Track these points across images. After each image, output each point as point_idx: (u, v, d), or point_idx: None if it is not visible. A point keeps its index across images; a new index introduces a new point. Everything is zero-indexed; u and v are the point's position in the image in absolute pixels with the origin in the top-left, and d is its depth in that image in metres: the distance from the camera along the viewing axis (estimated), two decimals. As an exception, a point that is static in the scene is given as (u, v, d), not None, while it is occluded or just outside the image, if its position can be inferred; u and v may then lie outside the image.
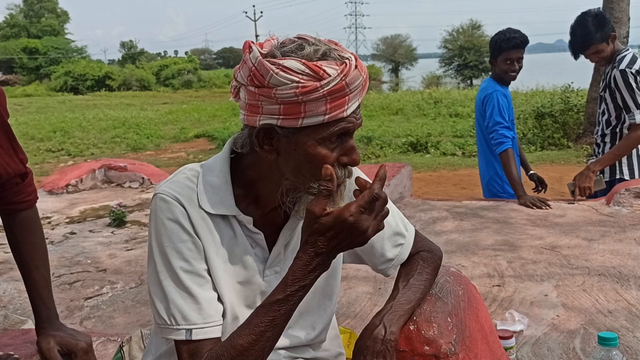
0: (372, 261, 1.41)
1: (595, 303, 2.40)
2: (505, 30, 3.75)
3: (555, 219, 3.61)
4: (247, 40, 1.12)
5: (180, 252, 1.16)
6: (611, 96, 3.56)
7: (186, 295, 1.15)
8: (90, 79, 46.99)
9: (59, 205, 5.06)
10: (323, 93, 1.06)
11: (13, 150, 1.53)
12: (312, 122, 1.09)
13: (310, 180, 1.15)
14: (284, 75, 1.05)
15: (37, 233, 1.63)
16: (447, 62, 47.25)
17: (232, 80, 1.18)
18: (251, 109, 1.13)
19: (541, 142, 12.18)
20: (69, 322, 2.56)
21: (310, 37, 1.13)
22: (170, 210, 1.16)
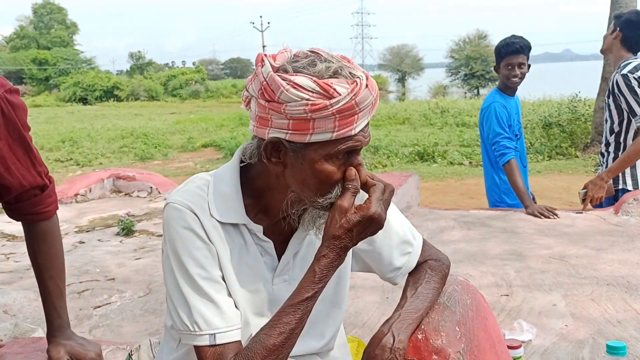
0: (380, 269, 1.42)
1: (604, 313, 2.39)
2: (507, 37, 3.78)
3: (563, 229, 3.60)
4: (260, 53, 1.13)
5: (196, 259, 1.17)
6: (615, 102, 3.56)
7: (207, 301, 1.16)
8: (98, 90, 47.32)
9: (68, 214, 5.09)
10: (332, 111, 1.07)
11: (31, 162, 1.53)
12: (320, 138, 1.10)
13: (316, 194, 1.17)
14: (294, 92, 1.07)
15: (54, 243, 1.65)
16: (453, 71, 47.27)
17: (244, 90, 1.19)
18: (261, 121, 1.14)
19: (549, 151, 12.15)
20: (78, 331, 2.57)
21: (323, 52, 1.14)
22: (183, 218, 1.18)
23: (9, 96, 1.43)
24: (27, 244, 1.64)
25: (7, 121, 1.44)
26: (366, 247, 1.37)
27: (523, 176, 3.85)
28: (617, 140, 3.63)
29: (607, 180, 3.64)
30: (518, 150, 3.88)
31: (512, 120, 3.83)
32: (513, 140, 3.80)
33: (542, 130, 13.08)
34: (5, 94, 1.42)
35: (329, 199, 1.17)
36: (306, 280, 1.16)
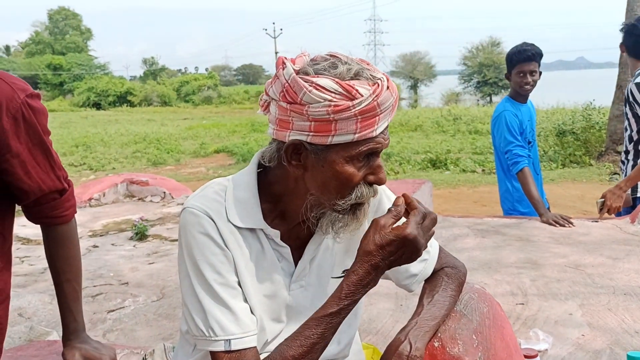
0: (396, 276, 1.41)
1: (621, 323, 2.36)
2: (519, 44, 3.77)
3: (579, 237, 3.57)
4: (280, 56, 1.13)
5: (212, 264, 1.17)
6: (631, 110, 3.55)
7: (222, 307, 1.16)
8: (112, 95, 47.76)
9: (82, 218, 5.12)
10: (354, 112, 1.07)
11: (50, 167, 1.55)
12: (342, 140, 1.10)
13: (336, 197, 1.16)
14: (317, 93, 1.06)
15: (72, 247, 1.66)
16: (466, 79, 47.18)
17: (263, 94, 1.19)
18: (281, 124, 1.14)
19: (562, 159, 12.07)
20: (92, 335, 2.56)
21: (342, 55, 1.14)
22: (200, 224, 1.17)
23: (30, 101, 1.45)
24: (45, 247, 1.65)
25: (28, 125, 1.46)
26: None
27: (537, 184, 3.83)
28: (636, 148, 3.61)
29: (626, 190, 3.60)
30: (531, 158, 3.85)
31: (524, 128, 3.81)
32: (525, 148, 3.77)
33: (556, 138, 13.00)
34: (27, 99, 1.44)
35: (349, 201, 1.17)
36: (333, 295, 1.15)
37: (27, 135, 1.46)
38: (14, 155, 1.44)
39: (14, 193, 1.50)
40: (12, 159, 1.44)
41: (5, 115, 1.39)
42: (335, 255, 1.30)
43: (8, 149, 1.42)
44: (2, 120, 1.39)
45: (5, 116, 1.40)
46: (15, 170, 1.46)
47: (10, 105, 1.40)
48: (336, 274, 1.31)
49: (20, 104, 1.43)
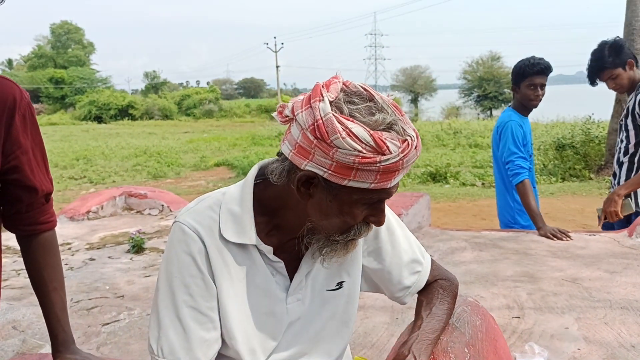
0: (390, 289, 1.41)
1: (618, 337, 2.34)
2: (530, 57, 3.74)
3: (576, 251, 3.55)
4: (318, 84, 1.09)
5: (187, 286, 1.16)
6: (633, 122, 3.55)
7: (180, 330, 1.15)
8: (113, 109, 47.93)
9: (79, 231, 5.12)
10: (379, 167, 1.05)
11: (46, 169, 1.59)
12: (358, 185, 1.08)
13: (337, 231, 1.17)
14: (349, 141, 1.03)
15: (57, 255, 1.66)
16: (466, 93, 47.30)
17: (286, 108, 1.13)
18: (301, 151, 1.10)
19: (562, 173, 12.07)
20: (86, 348, 2.56)
21: (377, 94, 1.11)
22: (186, 242, 1.16)
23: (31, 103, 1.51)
24: (28, 258, 1.63)
25: (32, 125, 1.51)
26: (376, 266, 1.36)
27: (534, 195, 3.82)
28: (631, 160, 3.61)
29: (622, 195, 3.60)
30: (531, 171, 3.85)
31: (527, 140, 3.81)
32: (527, 160, 3.77)
33: (556, 152, 13.00)
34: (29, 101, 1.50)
35: (347, 238, 1.18)
36: None
37: (31, 134, 1.52)
38: (23, 152, 1.49)
39: (15, 194, 1.51)
40: (22, 156, 1.49)
41: (17, 113, 1.45)
42: (328, 267, 1.30)
43: (19, 145, 1.47)
44: (15, 117, 1.45)
45: (17, 114, 1.45)
46: (24, 167, 1.50)
47: (21, 104, 1.47)
48: (331, 286, 1.31)
49: (27, 104, 1.49)
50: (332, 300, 1.31)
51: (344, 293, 1.33)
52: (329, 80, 1.12)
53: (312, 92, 1.08)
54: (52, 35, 63.15)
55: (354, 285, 1.34)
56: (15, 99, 1.45)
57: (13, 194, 1.52)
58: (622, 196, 3.59)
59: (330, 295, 1.31)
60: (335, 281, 1.31)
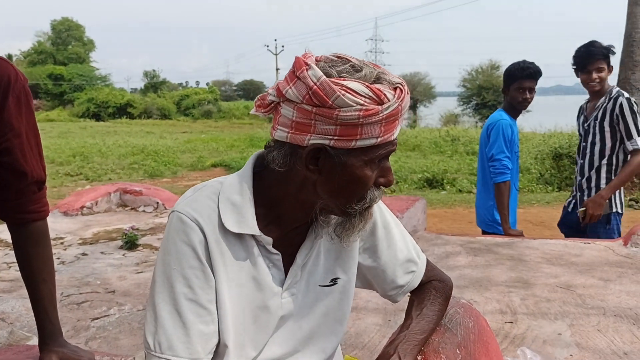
0: (382, 287, 1.39)
1: (610, 344, 2.33)
2: (520, 61, 3.82)
3: (571, 258, 3.55)
4: (298, 57, 1.09)
5: (186, 278, 1.11)
6: (610, 125, 3.61)
7: (179, 324, 1.10)
8: (112, 106, 47.85)
9: (72, 226, 5.09)
10: (381, 117, 1.05)
11: (39, 155, 1.57)
12: (365, 144, 1.08)
13: (352, 200, 1.14)
14: (350, 97, 1.03)
15: (47, 246, 1.63)
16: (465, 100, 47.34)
17: (268, 95, 1.12)
18: (300, 127, 1.08)
19: (558, 182, 12.07)
20: (75, 342, 2.54)
21: (351, 57, 1.11)
22: (186, 232, 1.12)
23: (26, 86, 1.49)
24: (18, 248, 1.61)
25: (27, 109, 1.49)
26: (370, 264, 1.34)
27: (514, 199, 3.89)
28: (609, 162, 3.67)
29: (607, 198, 3.63)
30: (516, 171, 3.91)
31: (515, 141, 3.83)
32: (512, 161, 3.79)
33: (553, 161, 12.99)
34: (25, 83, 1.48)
35: (365, 205, 1.15)
36: None
37: (25, 117, 1.49)
38: (15, 135, 1.46)
39: (4, 178, 1.49)
40: (14, 139, 1.46)
41: (11, 94, 1.42)
42: (324, 262, 1.27)
43: (11, 127, 1.44)
44: (8, 98, 1.42)
45: (11, 95, 1.42)
46: (15, 150, 1.47)
47: (15, 85, 1.44)
48: (325, 282, 1.28)
49: (22, 86, 1.46)
50: (326, 296, 1.29)
51: (338, 290, 1.30)
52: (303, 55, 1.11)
53: (295, 65, 1.07)
54: (52, 32, 63.03)
55: (349, 282, 1.32)
56: (10, 80, 1.41)
57: (2, 179, 1.49)
58: (606, 198, 3.62)
59: (323, 291, 1.28)
60: (330, 277, 1.29)
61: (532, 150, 14.58)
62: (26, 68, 58.88)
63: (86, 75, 57.98)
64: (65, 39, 62.59)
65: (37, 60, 60.91)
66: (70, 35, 62.83)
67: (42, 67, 57.82)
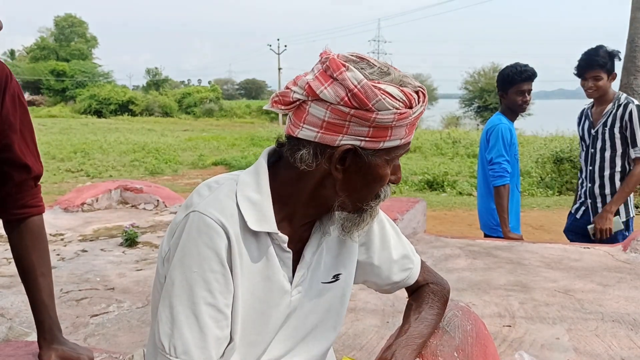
0: (377, 282, 1.40)
1: (608, 349, 2.33)
2: (515, 64, 3.82)
3: (570, 263, 3.55)
4: (334, 58, 1.08)
5: (207, 282, 1.08)
6: (620, 131, 3.60)
7: (196, 328, 1.08)
8: (114, 103, 47.93)
9: (73, 223, 5.10)
10: (410, 120, 1.09)
11: (36, 150, 1.60)
12: (391, 145, 1.11)
13: (370, 198, 1.17)
14: (389, 101, 1.05)
15: (45, 241, 1.64)
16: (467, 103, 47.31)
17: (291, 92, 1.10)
18: (332, 127, 1.08)
19: (559, 186, 12.07)
20: (73, 338, 2.54)
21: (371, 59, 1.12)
22: (210, 236, 1.09)
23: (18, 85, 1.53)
24: (16, 243, 1.61)
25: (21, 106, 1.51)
26: (365, 259, 1.35)
27: (517, 200, 3.90)
28: (622, 169, 3.68)
29: (613, 212, 3.64)
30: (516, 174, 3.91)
31: (514, 144, 3.84)
32: (512, 164, 3.79)
33: (553, 165, 12.99)
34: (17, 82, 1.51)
35: (379, 202, 1.19)
36: None
37: (20, 116, 1.51)
38: (13, 131, 1.48)
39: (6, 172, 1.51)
40: (12, 135, 1.48)
41: (7, 92, 1.45)
42: (326, 258, 1.27)
43: (9, 124, 1.47)
44: (5, 97, 1.45)
45: (7, 93, 1.45)
46: (14, 146, 1.49)
47: (11, 84, 1.47)
48: (327, 279, 1.28)
49: (16, 84, 1.49)
50: (328, 292, 1.29)
51: (340, 286, 1.30)
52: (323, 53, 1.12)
53: (331, 66, 1.07)
54: (55, 28, 63.08)
55: (349, 277, 1.33)
56: (7, 79, 1.44)
57: (4, 173, 1.51)
58: (612, 212, 3.63)
59: (325, 287, 1.28)
60: (332, 273, 1.29)
61: (533, 154, 14.59)
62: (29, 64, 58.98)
63: (88, 71, 58.03)
64: (68, 35, 62.63)
65: (39, 56, 60.97)
66: (73, 32, 62.87)
67: (44, 63, 57.89)
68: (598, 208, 3.74)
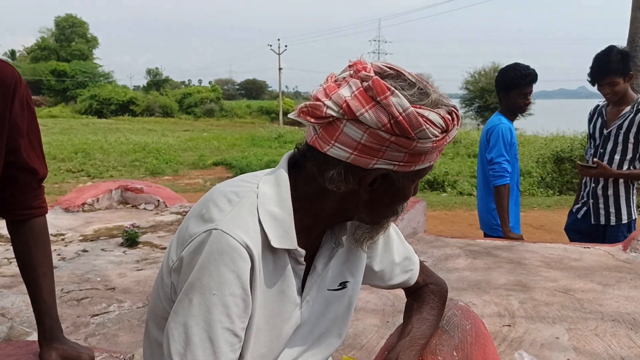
0: (379, 285, 1.41)
1: (608, 349, 2.34)
2: (517, 67, 3.78)
3: (570, 262, 3.55)
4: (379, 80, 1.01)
5: (226, 306, 1.04)
6: (635, 137, 3.57)
7: (210, 352, 1.03)
8: (114, 104, 47.97)
9: (74, 223, 5.10)
10: (443, 144, 1.06)
11: (42, 153, 1.61)
12: (421, 167, 1.08)
13: (390, 215, 1.17)
14: (432, 130, 1.01)
15: (47, 241, 1.65)
16: (467, 103, 47.26)
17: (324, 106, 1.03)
18: (368, 151, 1.03)
19: (559, 186, 12.08)
20: (74, 338, 2.54)
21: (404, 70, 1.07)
22: (233, 259, 1.04)
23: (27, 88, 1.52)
24: (19, 243, 1.62)
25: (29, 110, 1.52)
26: (368, 263, 1.34)
27: (517, 198, 3.90)
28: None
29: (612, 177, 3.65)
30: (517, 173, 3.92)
31: (514, 143, 3.84)
32: (512, 164, 3.79)
33: (554, 165, 13.00)
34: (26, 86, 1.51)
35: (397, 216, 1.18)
36: None
37: (28, 119, 1.52)
38: (21, 135, 1.50)
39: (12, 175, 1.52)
40: (20, 139, 1.50)
41: (16, 97, 1.46)
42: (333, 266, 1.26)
43: (17, 129, 1.48)
44: (14, 102, 1.46)
45: (17, 97, 1.46)
46: (21, 150, 1.51)
47: (20, 88, 1.47)
48: (333, 286, 1.27)
49: (24, 88, 1.50)
50: (335, 300, 1.28)
51: (347, 293, 1.30)
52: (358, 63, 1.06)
53: (376, 89, 1.00)
54: (56, 28, 63.04)
55: (357, 284, 1.32)
56: (17, 83, 1.46)
57: (10, 176, 1.52)
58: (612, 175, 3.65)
59: (332, 295, 1.27)
60: (339, 281, 1.28)
61: (533, 154, 14.58)
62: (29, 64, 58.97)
63: (89, 72, 58.02)
64: (68, 36, 62.61)
65: (40, 57, 60.96)
66: (73, 32, 62.84)
67: (45, 64, 57.88)
68: (600, 209, 3.74)
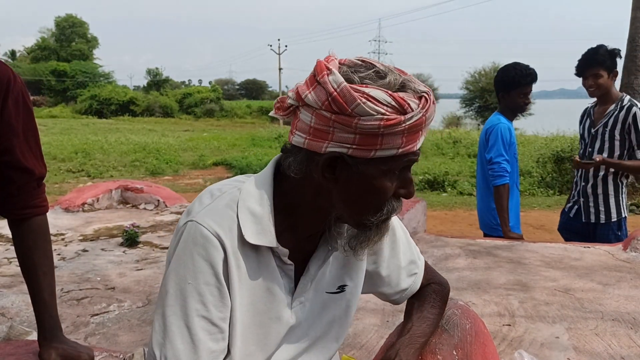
0: (386, 292, 1.37)
1: (608, 348, 2.34)
2: (517, 66, 3.78)
3: (570, 262, 3.55)
4: (320, 61, 1.04)
5: (201, 294, 1.06)
6: (621, 134, 3.60)
7: (188, 340, 1.06)
8: (114, 104, 47.97)
9: (74, 222, 5.10)
10: (404, 127, 1.01)
11: (40, 152, 1.60)
12: (385, 154, 1.04)
13: (368, 211, 1.10)
14: (371, 105, 0.98)
15: (48, 240, 1.65)
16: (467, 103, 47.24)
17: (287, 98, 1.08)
18: (318, 134, 1.04)
19: (560, 186, 12.07)
20: (74, 338, 2.54)
21: (377, 62, 1.07)
22: (205, 248, 1.07)
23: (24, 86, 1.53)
24: (20, 241, 1.62)
25: (25, 109, 1.52)
26: (374, 269, 1.33)
27: (517, 197, 3.90)
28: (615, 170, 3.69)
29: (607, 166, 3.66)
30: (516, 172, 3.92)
31: (513, 143, 3.84)
32: (512, 164, 3.79)
33: (554, 164, 12.99)
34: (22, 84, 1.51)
35: (381, 217, 1.11)
36: None
37: (23, 118, 1.52)
38: (14, 134, 1.49)
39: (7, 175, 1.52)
40: (13, 138, 1.49)
41: (10, 96, 1.46)
42: (332, 269, 1.25)
43: (10, 128, 1.47)
44: (8, 101, 1.46)
45: (10, 97, 1.46)
46: (14, 149, 1.50)
47: (14, 87, 1.47)
48: (332, 289, 1.27)
49: (19, 88, 1.49)
50: (333, 303, 1.27)
51: (345, 297, 1.29)
52: (325, 58, 1.07)
53: (316, 69, 1.03)
54: (56, 28, 63.04)
55: (356, 289, 1.30)
56: (10, 82, 1.45)
57: (5, 176, 1.52)
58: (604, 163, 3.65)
59: (330, 298, 1.26)
60: (337, 284, 1.27)
61: (533, 154, 14.56)
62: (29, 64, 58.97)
63: (89, 72, 58.01)
64: (68, 36, 62.61)
65: (40, 57, 60.97)
66: (73, 32, 62.85)
67: (45, 64, 57.89)
68: (590, 207, 3.75)
